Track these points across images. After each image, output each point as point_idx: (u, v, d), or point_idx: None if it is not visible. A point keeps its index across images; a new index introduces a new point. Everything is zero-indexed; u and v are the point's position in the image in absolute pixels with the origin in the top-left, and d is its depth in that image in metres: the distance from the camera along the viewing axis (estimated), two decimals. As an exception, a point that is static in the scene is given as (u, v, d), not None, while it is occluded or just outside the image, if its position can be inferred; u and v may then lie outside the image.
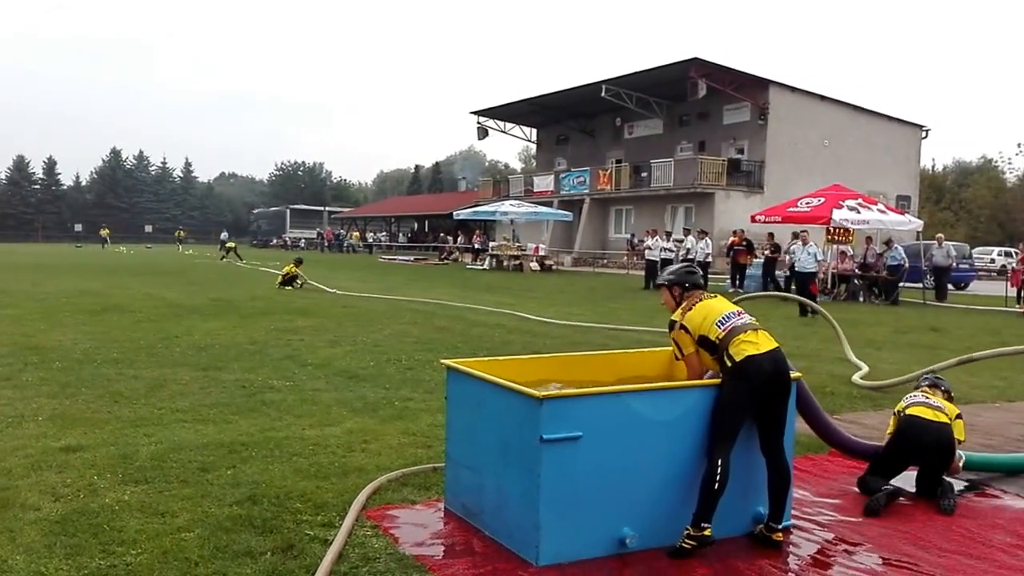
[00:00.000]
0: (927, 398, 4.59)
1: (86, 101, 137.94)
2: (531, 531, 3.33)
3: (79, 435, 5.14)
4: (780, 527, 3.67)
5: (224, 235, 53.30)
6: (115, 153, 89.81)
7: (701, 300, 3.86)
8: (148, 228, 78.11)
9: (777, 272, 19.69)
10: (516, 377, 3.73)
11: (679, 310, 3.87)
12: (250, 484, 4.22)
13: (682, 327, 3.79)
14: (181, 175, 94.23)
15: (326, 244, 57.12)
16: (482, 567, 3.32)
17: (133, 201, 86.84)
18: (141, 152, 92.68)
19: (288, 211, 69.45)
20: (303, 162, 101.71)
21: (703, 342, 3.72)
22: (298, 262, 19.59)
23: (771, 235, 20.38)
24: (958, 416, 4.56)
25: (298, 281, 18.53)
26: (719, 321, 3.70)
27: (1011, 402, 7.17)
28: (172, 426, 5.44)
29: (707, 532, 3.45)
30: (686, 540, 3.45)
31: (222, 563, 3.25)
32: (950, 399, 4.75)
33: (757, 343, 3.61)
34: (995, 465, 4.81)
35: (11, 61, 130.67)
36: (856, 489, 4.50)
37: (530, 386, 3.48)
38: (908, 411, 4.48)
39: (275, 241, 64.41)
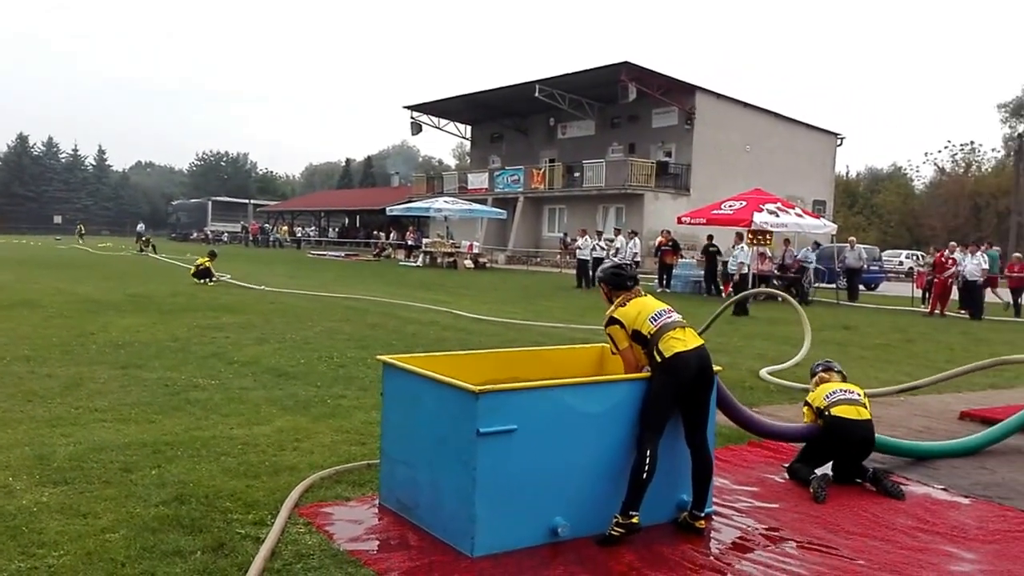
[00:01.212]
0: (846, 393, 4.81)
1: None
2: (466, 523, 3.39)
3: (-10, 435, 4.90)
4: (703, 514, 3.85)
5: (140, 227, 51.08)
6: (21, 139, 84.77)
7: (637, 296, 3.99)
8: (57, 219, 73.96)
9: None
10: (451, 373, 3.78)
11: (614, 305, 4.00)
12: (176, 484, 4.12)
13: (617, 322, 3.92)
14: (94, 163, 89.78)
15: (251, 238, 55.45)
16: (418, 560, 3.36)
17: (41, 190, 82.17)
18: (50, 138, 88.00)
19: (210, 203, 66.80)
20: (226, 152, 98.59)
21: (636, 336, 3.85)
22: (211, 255, 19.07)
23: (710, 237, 20.85)
24: (864, 394, 4.91)
25: (214, 275, 18.04)
26: (652, 317, 3.85)
27: (913, 395, 7.64)
28: (91, 426, 5.24)
29: (635, 520, 3.59)
30: (615, 528, 3.58)
31: (150, 563, 3.18)
32: (844, 379, 5.15)
33: (685, 340, 3.77)
34: (897, 450, 5.22)
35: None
36: (773, 477, 4.75)
37: (465, 382, 3.54)
38: (834, 411, 4.66)
39: (195, 235, 61.93)
